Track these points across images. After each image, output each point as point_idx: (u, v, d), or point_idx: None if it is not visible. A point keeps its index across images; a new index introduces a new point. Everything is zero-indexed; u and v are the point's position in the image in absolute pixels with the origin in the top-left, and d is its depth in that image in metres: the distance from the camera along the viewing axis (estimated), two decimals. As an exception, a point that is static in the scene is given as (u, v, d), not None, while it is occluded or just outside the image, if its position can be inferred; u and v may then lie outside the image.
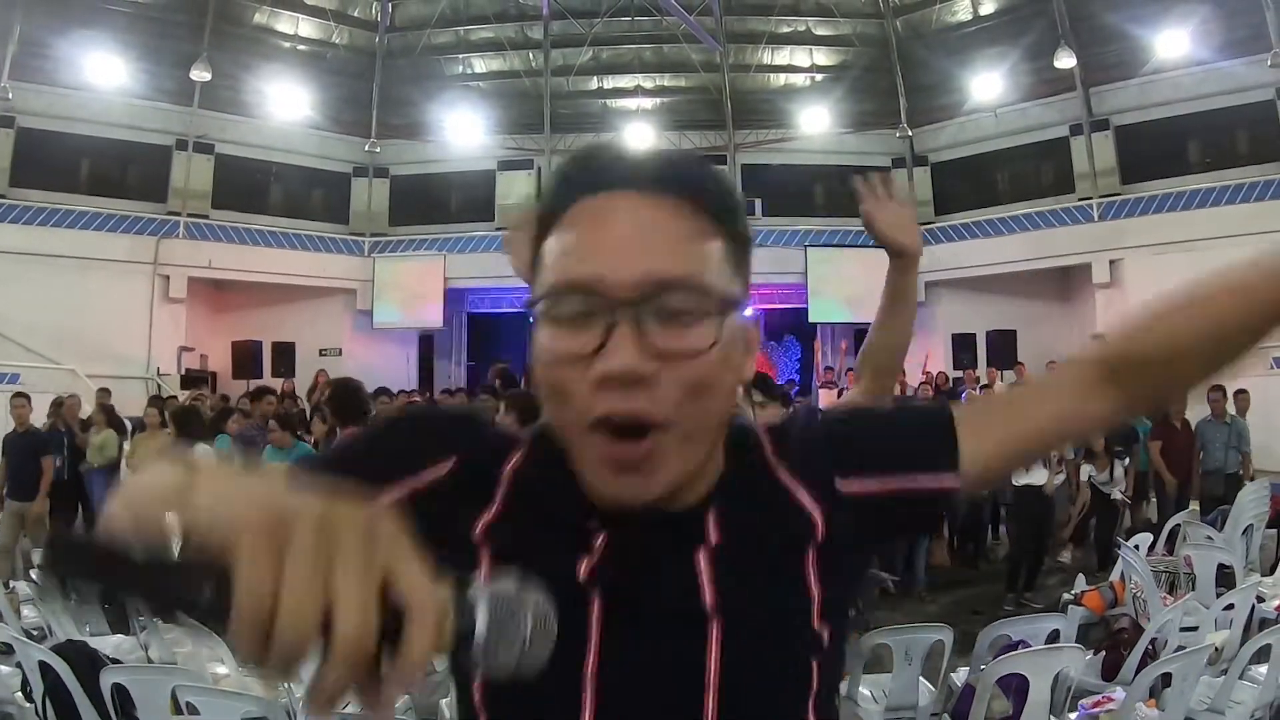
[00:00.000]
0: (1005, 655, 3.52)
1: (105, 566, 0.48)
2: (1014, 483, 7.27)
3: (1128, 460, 8.02)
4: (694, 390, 0.70)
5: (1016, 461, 0.95)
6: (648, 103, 17.82)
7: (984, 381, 12.93)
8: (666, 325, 0.69)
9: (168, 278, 15.12)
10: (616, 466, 0.71)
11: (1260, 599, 4.72)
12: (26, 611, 4.71)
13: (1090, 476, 7.81)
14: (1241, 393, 9.00)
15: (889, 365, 1.78)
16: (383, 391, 8.74)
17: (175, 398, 11.15)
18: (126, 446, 8.84)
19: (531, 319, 0.73)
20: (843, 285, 16.27)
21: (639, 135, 17.28)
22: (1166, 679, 3.40)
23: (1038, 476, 7.20)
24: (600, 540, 0.76)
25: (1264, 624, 4.36)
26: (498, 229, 16.97)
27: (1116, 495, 7.84)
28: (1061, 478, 7.67)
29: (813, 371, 16.03)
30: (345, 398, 5.58)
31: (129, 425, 9.39)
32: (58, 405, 9.36)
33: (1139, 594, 4.79)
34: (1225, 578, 5.35)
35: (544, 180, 16.94)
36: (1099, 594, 5.04)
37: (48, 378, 12.65)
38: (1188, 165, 14.32)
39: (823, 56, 17.39)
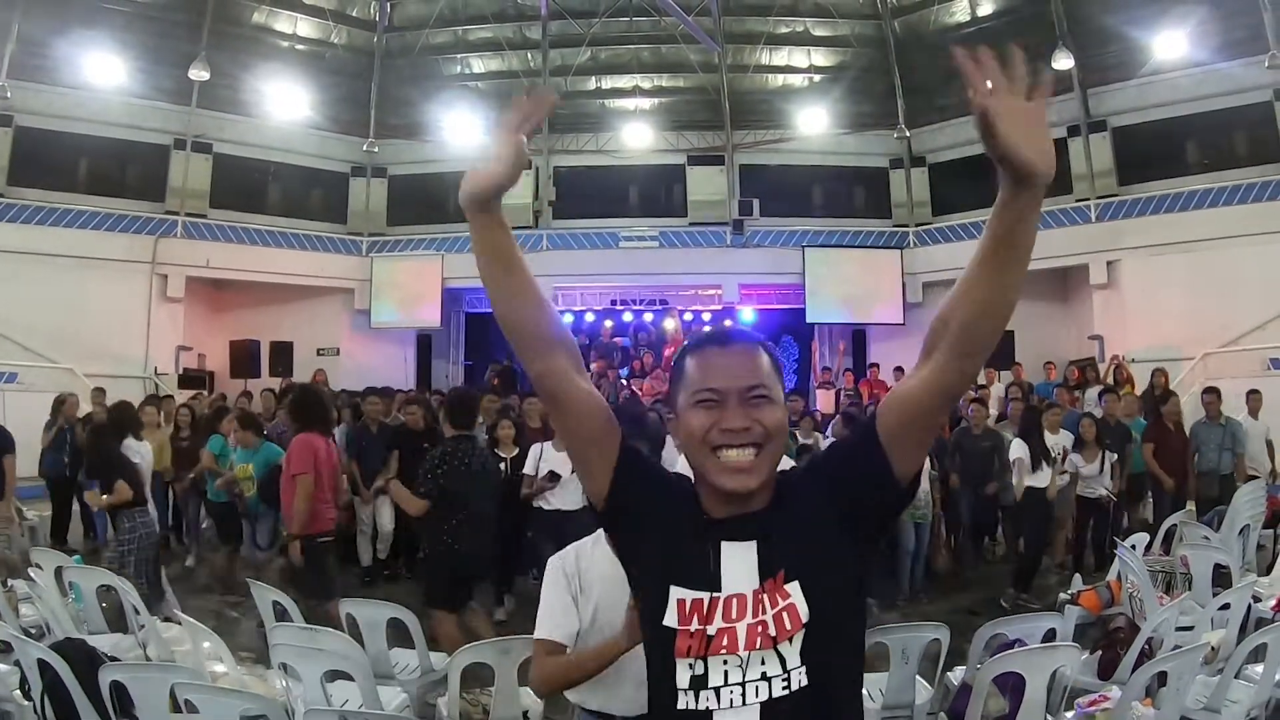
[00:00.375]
0: (1002, 654, 3.53)
1: None
2: (1023, 485, 7.24)
3: (1116, 457, 7.95)
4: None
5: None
6: (646, 103, 17.83)
7: (980, 382, 12.92)
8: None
9: (166, 277, 15.12)
10: None
11: (1256, 598, 4.73)
12: (25, 610, 4.71)
13: (1077, 469, 7.67)
14: (1254, 393, 8.99)
15: (978, 340, 1.29)
16: (373, 391, 8.77)
17: (172, 397, 11.15)
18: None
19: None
20: (840, 286, 16.31)
21: (637, 135, 17.30)
22: (1162, 678, 3.40)
23: (1040, 479, 7.18)
24: None
25: (1260, 623, 4.37)
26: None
27: (1101, 492, 7.74)
28: (1065, 479, 7.64)
29: (810, 372, 16.05)
30: (305, 402, 5.65)
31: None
32: (59, 403, 9.37)
33: (1135, 593, 4.80)
34: (1221, 578, 5.36)
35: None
36: (1095, 594, 5.05)
37: (46, 377, 12.67)
38: (1185, 166, 14.35)
39: (821, 57, 17.41)
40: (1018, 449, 7.31)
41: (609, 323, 16.65)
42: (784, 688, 1.31)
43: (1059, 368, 13.29)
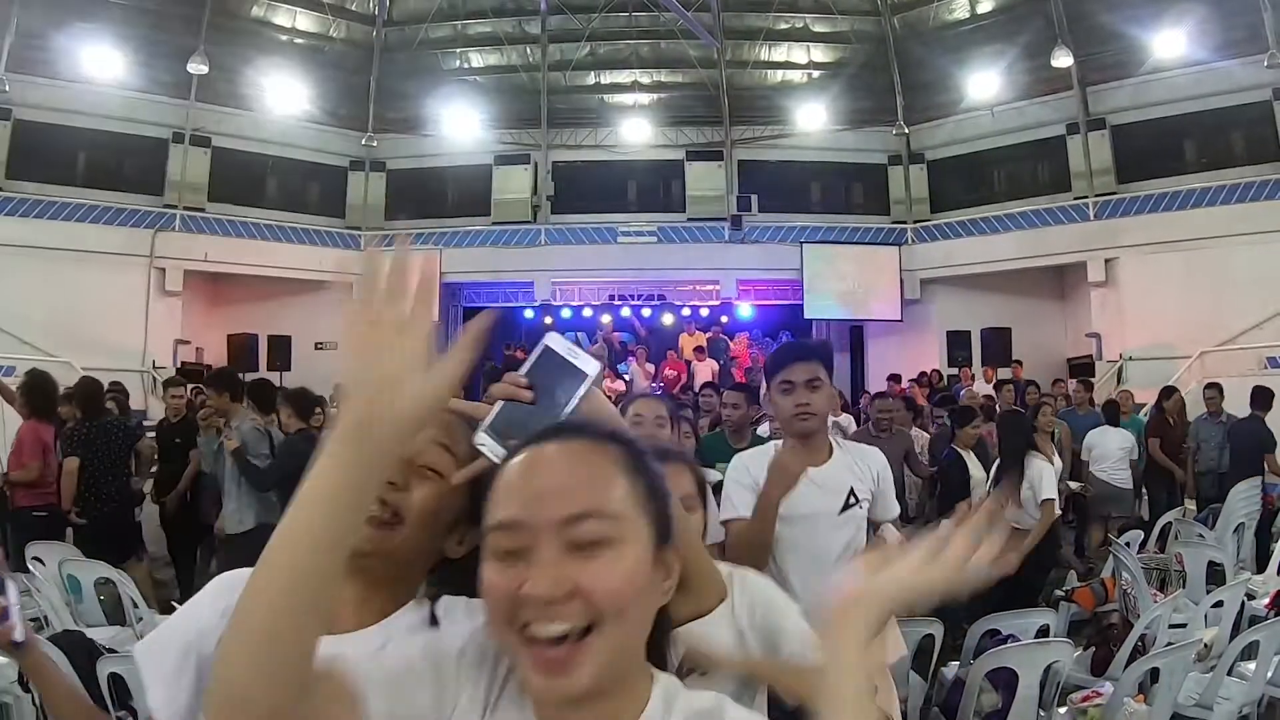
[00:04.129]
0: (995, 649, 3.55)
1: None
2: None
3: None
4: None
5: None
6: (645, 98, 17.80)
7: (979, 379, 12.95)
8: None
9: (164, 270, 15.08)
10: None
11: (1250, 596, 4.76)
12: (23, 602, 4.71)
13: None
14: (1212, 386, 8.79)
15: None
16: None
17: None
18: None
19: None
20: (838, 282, 16.32)
21: (635, 130, 17.29)
22: (1155, 674, 3.43)
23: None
24: None
25: (1253, 621, 4.40)
26: (494, 224, 16.97)
27: (1074, 486, 7.60)
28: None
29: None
30: (38, 389, 6.21)
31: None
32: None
33: (1129, 590, 4.82)
34: (1215, 575, 5.39)
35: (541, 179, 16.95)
36: (1090, 590, 5.07)
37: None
38: (1184, 165, 14.33)
39: (820, 53, 17.39)
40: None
41: (606, 318, 16.69)
42: None
43: (1056, 366, 13.32)
